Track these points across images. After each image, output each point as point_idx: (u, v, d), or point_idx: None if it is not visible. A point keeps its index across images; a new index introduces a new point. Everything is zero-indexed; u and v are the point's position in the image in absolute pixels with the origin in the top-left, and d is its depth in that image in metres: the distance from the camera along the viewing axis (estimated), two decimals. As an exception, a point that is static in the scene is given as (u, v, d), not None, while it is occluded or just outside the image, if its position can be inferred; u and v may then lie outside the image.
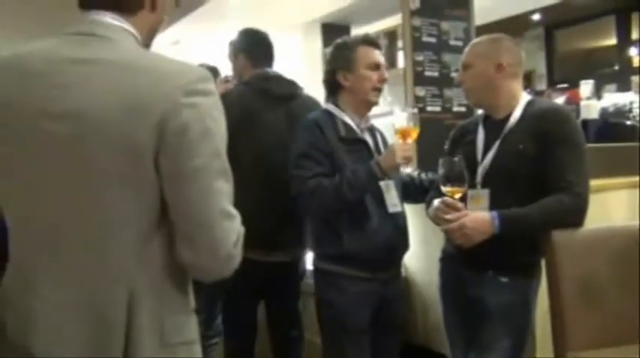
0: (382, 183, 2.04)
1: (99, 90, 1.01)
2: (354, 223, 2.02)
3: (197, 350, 1.15)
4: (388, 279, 2.10)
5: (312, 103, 2.48)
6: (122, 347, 1.02)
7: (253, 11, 5.11)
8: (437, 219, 1.90)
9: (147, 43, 1.19)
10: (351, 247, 2.00)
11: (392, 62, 5.61)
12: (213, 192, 1.04)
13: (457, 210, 1.81)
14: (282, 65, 2.69)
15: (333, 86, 2.17)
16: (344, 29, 6.04)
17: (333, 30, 6.06)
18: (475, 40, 2.07)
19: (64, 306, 1.03)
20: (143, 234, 1.05)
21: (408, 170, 2.12)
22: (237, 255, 1.09)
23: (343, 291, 2.03)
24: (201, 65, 3.11)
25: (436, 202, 1.90)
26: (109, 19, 1.09)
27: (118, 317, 1.02)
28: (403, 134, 1.99)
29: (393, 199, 2.07)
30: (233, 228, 1.08)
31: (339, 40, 2.20)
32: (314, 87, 2.82)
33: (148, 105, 0.99)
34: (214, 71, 3.20)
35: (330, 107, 2.15)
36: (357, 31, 5.28)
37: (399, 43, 4.98)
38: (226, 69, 3.00)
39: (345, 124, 2.10)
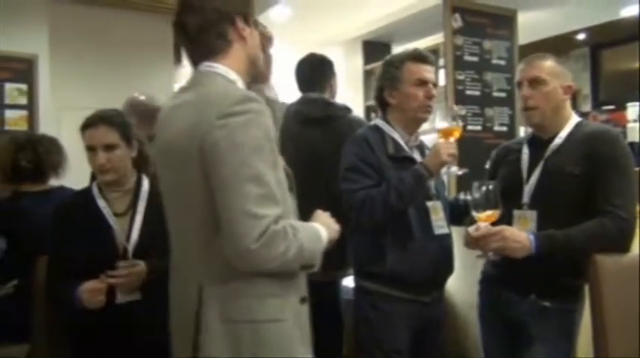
0: (429, 204, 2.02)
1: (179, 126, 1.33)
2: (399, 243, 1.99)
3: (266, 329, 1.33)
4: (431, 302, 2.06)
5: (356, 124, 2.51)
6: (193, 325, 1.32)
7: (295, 28, 5.18)
8: (470, 244, 1.86)
9: (254, 68, 1.47)
10: (394, 267, 1.98)
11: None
12: (239, 195, 1.24)
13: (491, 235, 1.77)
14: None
15: (381, 103, 2.17)
16: (385, 47, 6.07)
17: (374, 47, 6.09)
18: (534, 56, 1.97)
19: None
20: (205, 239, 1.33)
21: (454, 168, 2.07)
22: (259, 250, 1.24)
23: (383, 311, 2.01)
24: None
25: (470, 229, 1.86)
26: (204, 67, 1.39)
27: (191, 303, 1.33)
28: (445, 133, 1.98)
29: (439, 221, 2.04)
30: (256, 226, 1.23)
31: (388, 57, 2.19)
32: (355, 104, 2.86)
33: (196, 130, 1.27)
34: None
35: (380, 123, 2.14)
36: (397, 49, 5.29)
37: (441, 61, 4.96)
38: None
39: (394, 141, 2.08)
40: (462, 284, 2.65)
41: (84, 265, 1.89)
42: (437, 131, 2.00)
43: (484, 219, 1.79)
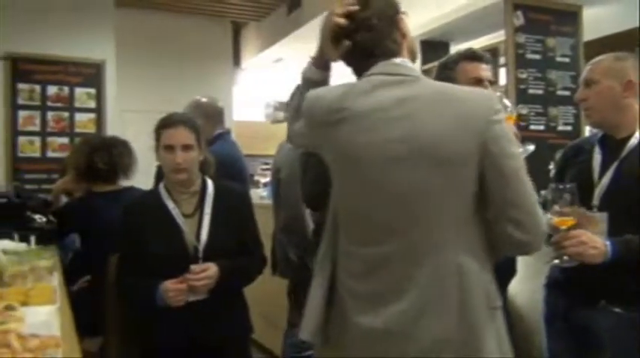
0: None
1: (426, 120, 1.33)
2: None
3: (501, 314, 1.40)
4: None
5: None
6: (458, 311, 1.31)
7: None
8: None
9: (413, 57, 1.48)
10: (504, 272, 1.96)
11: (494, 80, 5.49)
12: (528, 185, 1.34)
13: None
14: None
15: None
16: (443, 46, 5.99)
17: (432, 47, 6.02)
18: (597, 58, 1.95)
19: None
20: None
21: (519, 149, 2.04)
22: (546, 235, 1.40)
23: None
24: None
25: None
26: (393, 60, 1.40)
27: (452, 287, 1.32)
28: None
29: None
30: (540, 210, 1.37)
31: (442, 59, 2.19)
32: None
33: (470, 124, 1.31)
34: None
35: None
36: (456, 48, 5.22)
37: (501, 60, 4.86)
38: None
39: None
40: (525, 288, 2.60)
41: (156, 264, 1.96)
42: None
43: (560, 223, 1.75)
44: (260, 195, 4.82)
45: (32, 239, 1.87)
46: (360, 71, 1.45)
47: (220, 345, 2.04)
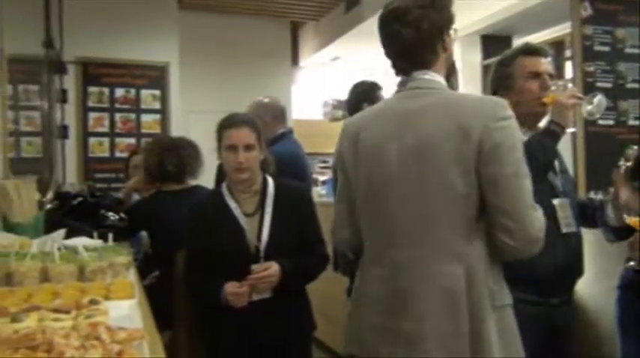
0: (556, 202, 1.95)
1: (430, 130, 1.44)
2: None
3: (511, 312, 1.48)
4: (558, 305, 1.97)
5: None
6: (467, 308, 1.40)
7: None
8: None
9: (449, 73, 1.58)
10: (517, 267, 1.93)
11: (559, 73, 5.32)
12: (523, 190, 1.40)
13: None
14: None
15: None
16: (505, 40, 5.85)
17: (493, 41, 5.90)
18: None
19: None
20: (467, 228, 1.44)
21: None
22: (541, 238, 1.43)
23: (529, 321, 1.94)
24: (363, 82, 3.26)
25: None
26: (420, 74, 1.51)
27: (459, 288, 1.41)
28: (552, 99, 1.93)
29: (567, 218, 1.96)
30: (539, 217, 1.43)
31: (499, 56, 2.15)
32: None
33: (469, 132, 1.39)
34: (376, 87, 3.27)
35: None
36: (519, 42, 5.09)
37: (567, 52, 4.71)
38: (388, 84, 3.09)
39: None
40: (594, 289, 2.51)
41: (219, 262, 2.02)
42: (545, 102, 1.93)
43: (636, 224, 1.69)
44: (319, 193, 4.87)
45: (110, 236, 1.95)
46: (395, 67, 1.57)
47: (283, 343, 2.08)
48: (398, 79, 2.70)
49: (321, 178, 5.89)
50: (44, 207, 2.59)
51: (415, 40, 1.49)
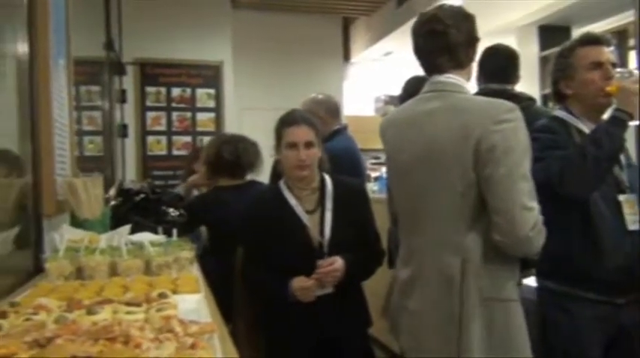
0: (622, 198, 1.88)
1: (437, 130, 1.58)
2: (586, 238, 1.87)
3: (514, 307, 1.59)
4: (625, 305, 1.90)
5: (542, 115, 2.40)
6: (459, 296, 1.54)
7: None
8: None
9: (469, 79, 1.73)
10: (582, 265, 1.87)
11: (623, 64, 5.11)
12: (516, 191, 1.48)
13: None
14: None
15: (559, 96, 2.07)
16: (563, 30, 5.66)
17: (551, 32, 5.72)
18: None
19: None
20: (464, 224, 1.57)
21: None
22: (534, 237, 1.50)
23: (572, 314, 1.89)
24: (414, 77, 3.23)
25: None
26: (445, 78, 1.64)
27: (455, 276, 1.55)
28: (617, 87, 1.87)
29: (633, 215, 1.88)
30: (531, 217, 1.49)
31: (558, 47, 2.10)
32: (530, 94, 2.75)
33: (469, 133, 1.50)
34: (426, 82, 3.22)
35: (561, 114, 2.03)
36: (578, 33, 4.92)
37: (631, 42, 4.52)
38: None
39: (580, 132, 1.97)
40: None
41: (282, 259, 2.04)
42: (609, 92, 1.88)
43: None
44: (371, 189, 4.85)
45: (174, 231, 2.01)
46: (429, 65, 1.69)
47: (343, 337, 2.09)
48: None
49: (373, 174, 5.86)
50: (108, 203, 2.69)
51: (458, 40, 1.63)
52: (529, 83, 5.70)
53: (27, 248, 2.02)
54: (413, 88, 3.15)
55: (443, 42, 1.63)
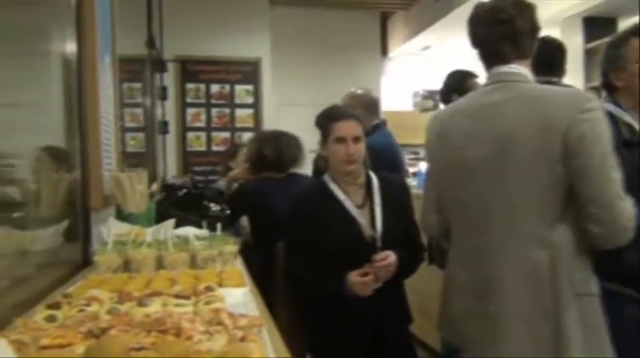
0: None
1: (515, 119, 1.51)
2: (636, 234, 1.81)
3: (597, 303, 1.53)
4: None
5: None
6: (550, 293, 1.48)
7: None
8: None
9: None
10: (631, 262, 1.81)
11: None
12: (610, 181, 1.44)
13: None
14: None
15: (609, 88, 2.01)
16: (609, 22, 5.50)
17: (596, 24, 5.56)
18: None
19: None
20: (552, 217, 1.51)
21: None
22: (630, 228, 1.46)
23: (619, 314, 1.84)
24: (456, 71, 3.19)
25: None
26: (509, 68, 1.59)
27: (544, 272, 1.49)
28: None
29: None
30: (627, 207, 1.46)
31: (609, 38, 2.04)
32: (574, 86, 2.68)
33: (553, 124, 1.44)
34: (468, 76, 3.18)
35: (610, 107, 1.97)
36: (625, 24, 4.77)
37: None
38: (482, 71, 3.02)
39: (629, 126, 1.90)
40: None
41: (334, 254, 2.03)
42: None
43: None
44: (410, 184, 4.80)
45: (219, 226, 2.03)
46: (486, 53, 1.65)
47: (386, 334, 2.08)
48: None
49: (411, 170, 5.82)
50: (152, 198, 2.74)
51: (523, 29, 1.59)
52: (573, 76, 5.55)
53: (76, 241, 2.08)
54: (455, 82, 3.12)
55: (508, 30, 1.58)
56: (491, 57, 1.63)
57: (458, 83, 3.08)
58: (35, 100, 2.02)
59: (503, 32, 1.59)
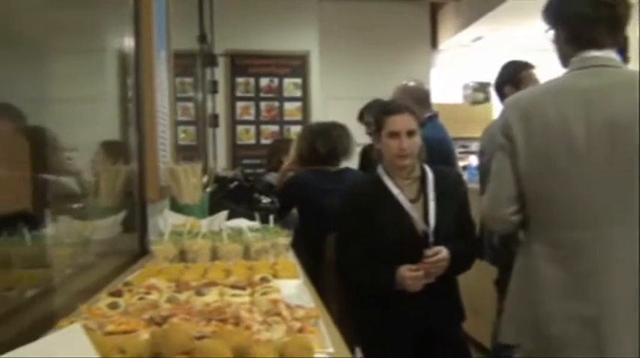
0: None
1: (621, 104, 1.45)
2: None
3: None
4: None
5: None
6: None
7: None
8: None
9: None
10: None
11: None
12: None
13: None
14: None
15: None
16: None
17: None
18: None
19: None
20: None
21: None
22: None
23: None
24: (510, 62, 3.10)
25: None
26: (605, 53, 1.52)
27: None
28: None
29: None
30: None
31: None
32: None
33: None
34: (523, 68, 3.09)
35: None
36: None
37: None
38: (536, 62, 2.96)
39: None
40: None
41: (386, 248, 2.02)
42: None
43: None
44: (463, 178, 4.73)
45: (271, 218, 2.05)
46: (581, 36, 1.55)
47: (438, 330, 2.06)
48: (545, 56, 2.59)
49: (461, 163, 5.73)
50: (205, 190, 2.79)
51: (625, 16, 1.55)
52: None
53: (133, 231, 2.15)
54: (509, 73, 3.04)
55: (611, 15, 1.52)
56: (584, 40, 1.54)
57: (512, 74, 3.00)
58: (94, 95, 2.08)
59: (605, 15, 1.52)
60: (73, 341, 0.69)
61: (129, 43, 2.12)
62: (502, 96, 2.91)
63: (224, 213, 2.14)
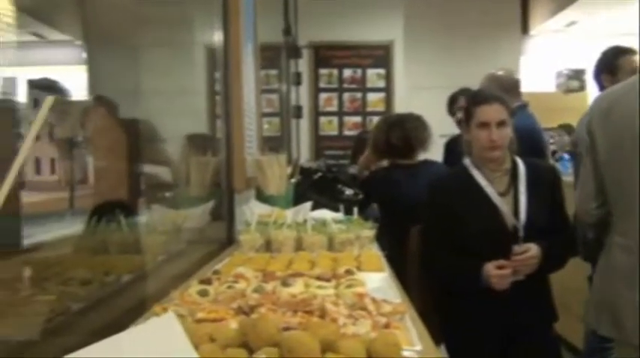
0: None
1: None
2: None
3: None
4: None
5: None
6: None
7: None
8: None
9: None
10: None
11: None
12: None
13: None
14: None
15: None
16: None
17: None
18: None
19: None
20: None
21: None
22: None
23: None
24: (609, 49, 2.91)
25: None
26: None
27: None
28: None
29: None
30: None
31: None
32: None
33: None
34: (620, 54, 2.89)
35: None
36: None
37: None
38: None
39: None
40: None
41: (473, 242, 1.95)
42: None
43: None
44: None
45: (355, 210, 2.05)
46: None
47: (527, 330, 1.97)
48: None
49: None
50: (290, 181, 2.83)
51: None
52: None
53: (220, 220, 2.21)
54: (605, 59, 2.86)
55: None
56: None
57: (608, 62, 2.81)
58: (184, 88, 2.16)
59: None
60: (168, 328, 0.71)
61: (218, 37, 2.18)
62: (601, 86, 2.75)
63: (308, 204, 2.16)
